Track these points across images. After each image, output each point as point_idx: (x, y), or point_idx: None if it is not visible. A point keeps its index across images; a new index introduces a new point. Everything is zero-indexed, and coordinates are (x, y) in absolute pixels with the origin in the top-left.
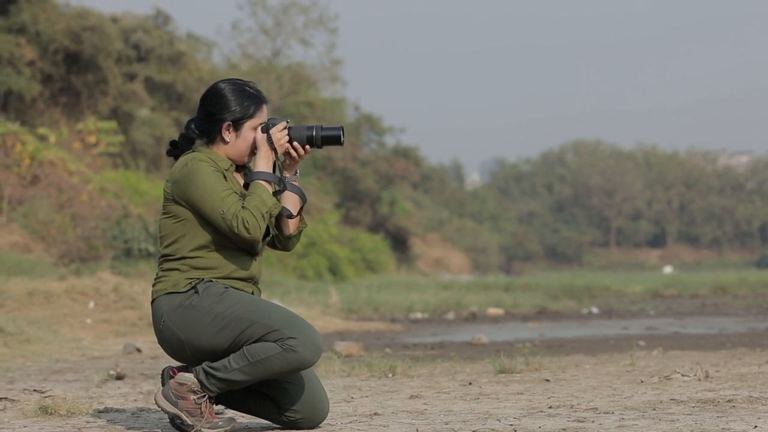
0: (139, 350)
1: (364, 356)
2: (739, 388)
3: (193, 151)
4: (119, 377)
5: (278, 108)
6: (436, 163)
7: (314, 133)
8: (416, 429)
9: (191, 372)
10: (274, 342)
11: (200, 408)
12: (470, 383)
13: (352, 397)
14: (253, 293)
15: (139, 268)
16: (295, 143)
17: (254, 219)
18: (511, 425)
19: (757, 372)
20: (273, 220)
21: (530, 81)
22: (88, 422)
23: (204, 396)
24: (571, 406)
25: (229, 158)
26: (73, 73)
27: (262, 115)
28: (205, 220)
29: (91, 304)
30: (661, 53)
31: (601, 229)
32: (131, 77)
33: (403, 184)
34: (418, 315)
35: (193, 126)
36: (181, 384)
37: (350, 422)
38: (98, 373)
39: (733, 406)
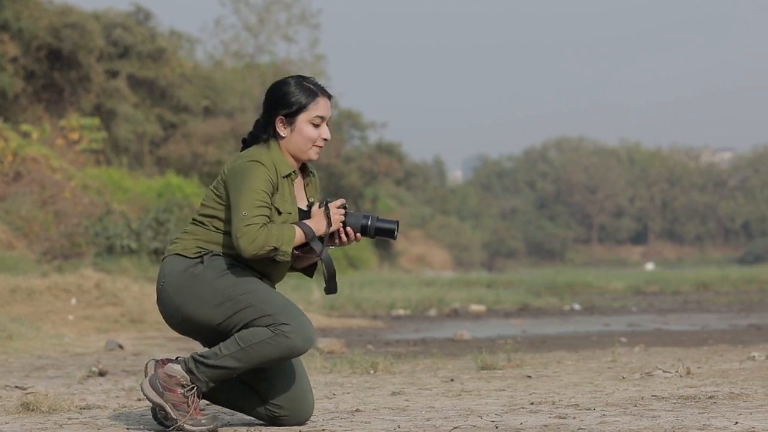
0: (121, 347)
1: (346, 353)
2: (721, 384)
3: (265, 144)
4: (101, 374)
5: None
6: (418, 160)
7: (369, 223)
8: (398, 425)
9: (180, 364)
10: (266, 327)
11: (187, 402)
12: (452, 380)
13: (334, 394)
14: None
15: (122, 265)
16: (349, 228)
17: (262, 241)
18: (493, 421)
19: (738, 368)
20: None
21: (513, 78)
22: (69, 419)
23: (192, 389)
24: (553, 403)
25: (290, 154)
26: (56, 70)
27: (318, 108)
28: None
29: (74, 301)
30: (645, 50)
31: (583, 226)
32: (114, 74)
33: (386, 181)
34: (401, 312)
35: (255, 124)
36: (170, 376)
37: (332, 419)
38: (80, 369)
39: (715, 403)
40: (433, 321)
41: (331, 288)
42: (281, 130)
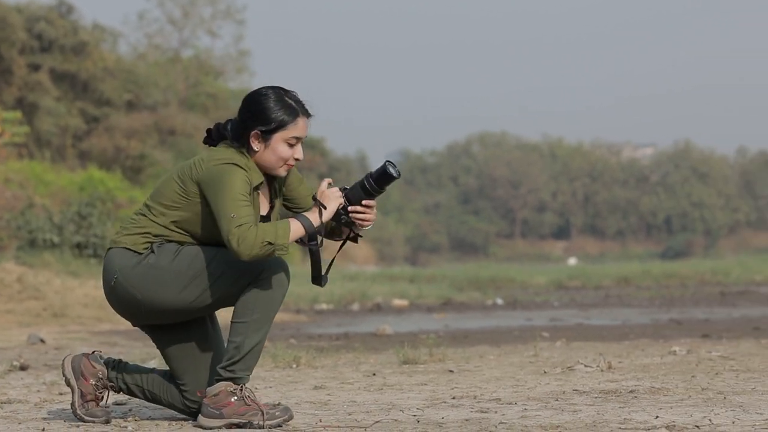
0: (43, 341)
1: (268, 347)
2: (642, 378)
3: (238, 150)
4: (23, 368)
5: (184, 99)
6: (341, 155)
7: (367, 183)
8: (319, 419)
9: (215, 382)
10: (250, 288)
11: (245, 402)
12: (374, 374)
13: (256, 388)
14: None
15: (44, 259)
16: (364, 201)
17: (254, 239)
18: (415, 416)
19: (659, 363)
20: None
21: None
22: None
23: (242, 389)
24: (475, 397)
25: (259, 167)
26: None
27: (296, 129)
28: (209, 219)
29: None
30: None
31: (506, 221)
32: (36, 67)
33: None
34: (323, 306)
35: (229, 127)
36: (215, 395)
37: None
38: (1, 364)
39: (635, 397)
40: (356, 315)
41: (320, 280)
42: (255, 144)
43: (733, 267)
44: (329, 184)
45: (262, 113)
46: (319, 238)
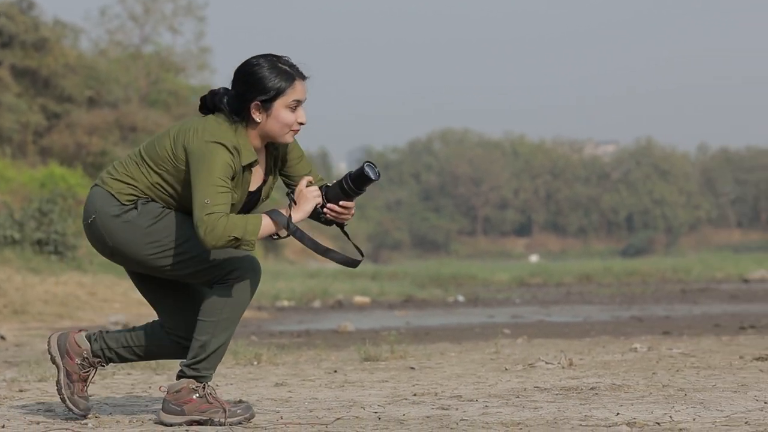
0: (3, 338)
1: (229, 344)
2: (603, 375)
3: (232, 125)
4: None
5: (145, 95)
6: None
7: (345, 184)
8: (281, 416)
9: (177, 377)
10: (217, 285)
11: (207, 400)
12: (335, 371)
13: (217, 385)
14: None
15: (5, 256)
16: (342, 202)
17: (221, 231)
18: (376, 413)
19: (620, 360)
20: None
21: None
22: None
23: (205, 387)
24: (436, 394)
25: (262, 138)
26: None
27: (295, 92)
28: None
29: None
30: (530, 49)
31: (468, 218)
32: None
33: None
34: (285, 303)
35: (225, 101)
36: (176, 391)
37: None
38: None
39: (596, 394)
40: (318, 312)
41: (343, 258)
42: (256, 116)
43: (693, 264)
44: (309, 182)
45: (258, 83)
46: (285, 232)
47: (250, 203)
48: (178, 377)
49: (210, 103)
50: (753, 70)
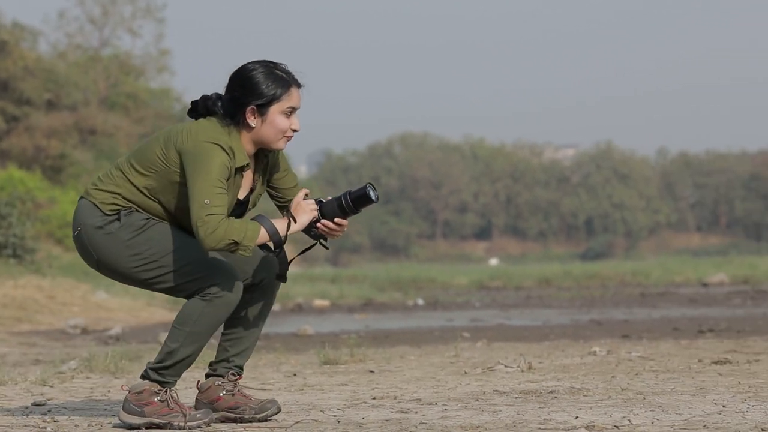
0: None
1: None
2: (562, 379)
3: (225, 128)
4: None
5: (104, 98)
6: None
7: (344, 201)
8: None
9: (141, 378)
10: (195, 297)
11: (169, 405)
12: (295, 374)
13: (177, 389)
14: None
15: None
16: (337, 219)
17: (222, 233)
18: (335, 416)
19: (579, 363)
20: None
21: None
22: None
23: (167, 391)
24: (395, 397)
25: (255, 143)
26: None
27: (291, 99)
28: (182, 191)
29: None
30: (489, 54)
31: (428, 222)
32: None
33: None
34: None
35: (219, 104)
36: (139, 393)
37: None
38: None
39: (555, 397)
40: (277, 316)
41: (284, 278)
42: (251, 120)
43: (653, 268)
44: (306, 195)
45: (255, 88)
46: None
47: (237, 210)
48: (142, 377)
49: (202, 108)
50: (711, 76)
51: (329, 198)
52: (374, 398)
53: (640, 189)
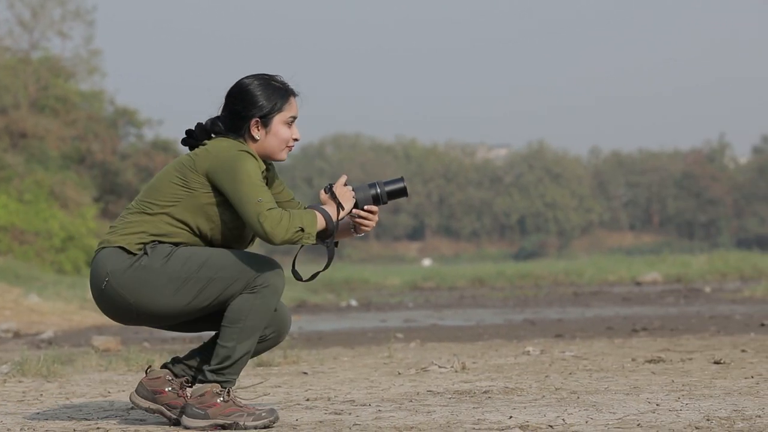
0: None
1: (121, 351)
2: (495, 379)
3: (240, 139)
4: None
5: (34, 101)
6: None
7: (378, 191)
8: (172, 424)
9: (199, 382)
10: (243, 293)
11: (233, 404)
12: None
13: (109, 392)
14: None
15: None
16: (367, 207)
17: (288, 222)
18: None
19: (513, 363)
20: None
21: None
22: None
23: (228, 391)
24: (329, 399)
25: (260, 155)
26: None
27: (291, 108)
28: (217, 209)
29: None
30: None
31: None
32: None
33: None
34: None
35: (220, 123)
36: (200, 395)
37: (106, 417)
38: None
39: (489, 397)
40: None
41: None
42: (256, 133)
43: (586, 267)
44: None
45: (256, 100)
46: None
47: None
48: (200, 381)
49: (200, 134)
50: (643, 74)
51: (355, 186)
52: (308, 400)
53: (572, 188)
